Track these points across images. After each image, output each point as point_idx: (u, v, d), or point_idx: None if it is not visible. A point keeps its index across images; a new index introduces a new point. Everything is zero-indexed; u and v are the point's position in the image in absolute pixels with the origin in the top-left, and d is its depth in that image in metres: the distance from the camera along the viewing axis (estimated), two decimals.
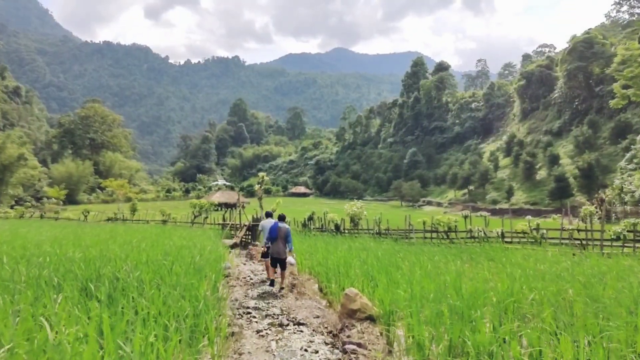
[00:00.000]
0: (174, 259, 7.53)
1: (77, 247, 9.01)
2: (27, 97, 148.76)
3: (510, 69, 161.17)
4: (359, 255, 9.64)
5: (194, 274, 6.64)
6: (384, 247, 11.23)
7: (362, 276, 7.38)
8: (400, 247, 11.73)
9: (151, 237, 12.67)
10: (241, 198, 26.72)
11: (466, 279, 6.45)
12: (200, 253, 9.05)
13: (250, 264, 12.85)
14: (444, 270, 7.55)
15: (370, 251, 10.29)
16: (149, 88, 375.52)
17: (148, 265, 6.66)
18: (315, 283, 8.88)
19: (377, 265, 8.08)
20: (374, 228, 16.08)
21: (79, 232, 15.29)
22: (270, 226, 9.15)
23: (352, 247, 11.61)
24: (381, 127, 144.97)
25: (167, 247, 9.50)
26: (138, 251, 8.36)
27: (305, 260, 10.21)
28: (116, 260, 6.98)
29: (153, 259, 7.34)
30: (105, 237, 11.92)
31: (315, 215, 18.25)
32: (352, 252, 9.91)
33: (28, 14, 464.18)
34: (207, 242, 12.83)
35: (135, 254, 7.71)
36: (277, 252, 8.84)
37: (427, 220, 15.56)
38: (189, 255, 8.76)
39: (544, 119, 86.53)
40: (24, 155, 75.80)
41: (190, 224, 22.71)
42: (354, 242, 12.59)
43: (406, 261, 8.76)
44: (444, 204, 79.87)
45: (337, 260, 8.94)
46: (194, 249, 9.76)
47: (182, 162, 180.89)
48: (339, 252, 10.00)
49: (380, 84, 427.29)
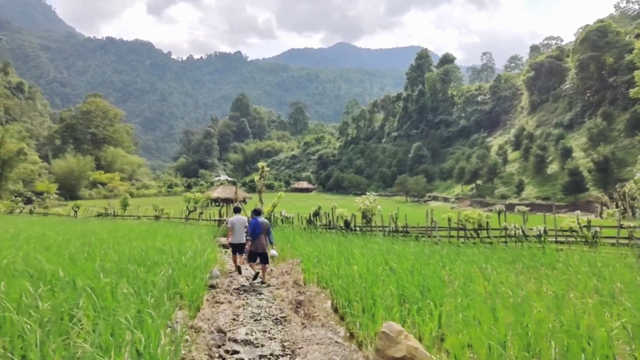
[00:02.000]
0: (126, 273, 5.54)
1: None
2: (30, 92, 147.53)
3: (516, 62, 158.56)
4: (384, 259, 7.66)
5: (153, 299, 4.58)
6: (411, 250, 9.26)
7: (397, 296, 5.39)
8: (429, 248, 9.71)
9: (126, 236, 10.74)
10: (241, 193, 24.89)
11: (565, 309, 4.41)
12: (177, 260, 7.10)
13: (246, 267, 10.92)
14: (511, 287, 5.53)
15: (393, 253, 8.35)
16: (152, 84, 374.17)
17: (74, 290, 4.54)
18: (328, 299, 6.91)
19: (414, 279, 5.99)
20: (390, 225, 14.13)
21: (36, 230, 13.34)
22: (253, 222, 9.10)
23: (367, 247, 9.64)
24: (385, 121, 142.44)
25: (137, 252, 7.53)
26: (83, 259, 6.36)
27: (314, 268, 8.27)
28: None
29: (93, 274, 5.28)
30: (66, 237, 9.94)
31: (322, 211, 16.25)
32: (376, 257, 7.89)
33: (32, 11, 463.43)
34: (196, 242, 10.87)
35: (70, 266, 5.70)
36: (260, 247, 8.91)
37: (452, 216, 13.59)
38: (166, 262, 6.82)
39: (554, 111, 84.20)
40: (24, 150, 74.26)
41: (184, 220, 20.84)
42: (370, 242, 10.63)
43: (446, 268, 6.82)
44: (451, 199, 78.04)
45: (356, 267, 6.95)
46: (174, 254, 7.80)
47: (185, 158, 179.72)
48: (357, 256, 8.02)
49: (382, 78, 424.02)
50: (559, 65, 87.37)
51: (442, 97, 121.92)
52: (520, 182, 69.10)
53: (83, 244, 8.68)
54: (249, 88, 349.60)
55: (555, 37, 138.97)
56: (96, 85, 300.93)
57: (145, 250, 7.72)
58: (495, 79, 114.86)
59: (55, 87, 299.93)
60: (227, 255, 13.27)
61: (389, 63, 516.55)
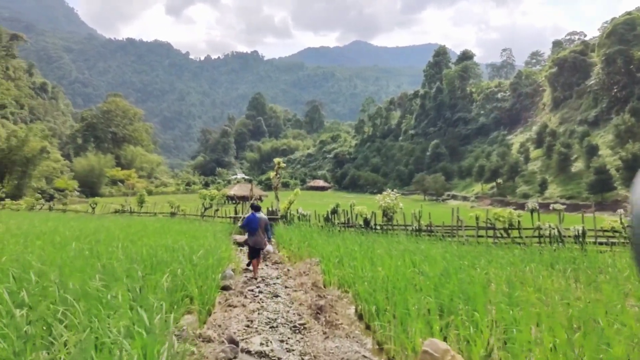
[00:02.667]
0: (129, 274, 4.99)
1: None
2: (53, 92, 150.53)
3: (537, 58, 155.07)
4: (411, 260, 6.99)
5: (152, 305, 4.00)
6: (439, 250, 8.55)
7: (434, 304, 4.69)
8: (458, 249, 8.98)
9: (138, 233, 10.29)
10: (257, 191, 24.42)
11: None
12: (188, 260, 6.56)
13: (262, 267, 10.37)
14: (561, 293, 4.82)
15: (420, 254, 7.67)
16: (171, 83, 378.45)
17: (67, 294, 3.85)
18: (351, 304, 6.30)
19: (450, 284, 5.28)
20: (413, 224, 13.41)
21: (48, 225, 13.00)
22: (250, 218, 9.28)
23: (391, 247, 8.97)
24: (402, 119, 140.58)
25: (146, 250, 7.02)
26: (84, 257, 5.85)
27: (335, 269, 7.66)
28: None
29: (92, 275, 4.72)
30: (80, 232, 9.53)
31: (340, 209, 15.60)
32: (403, 258, 7.19)
33: (55, 14, 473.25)
34: (210, 239, 10.36)
35: (67, 267, 5.16)
36: (258, 242, 9.12)
37: (480, 214, 12.80)
38: (176, 262, 6.30)
39: (578, 107, 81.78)
40: (47, 149, 75.56)
41: (200, 217, 20.48)
42: (393, 242, 9.95)
43: (483, 271, 6.14)
44: (470, 198, 76.58)
45: (382, 270, 6.30)
46: (185, 252, 7.27)
47: (202, 156, 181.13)
48: (383, 257, 7.36)
49: (399, 76, 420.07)
50: (583, 61, 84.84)
51: (461, 94, 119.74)
52: (543, 180, 67.35)
53: (91, 241, 8.25)
54: (265, 87, 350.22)
55: (578, 32, 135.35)
56: (116, 85, 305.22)
57: (154, 249, 7.21)
58: (516, 75, 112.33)
59: (77, 88, 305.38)
60: (243, 253, 12.81)
61: (406, 61, 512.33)
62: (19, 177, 68.89)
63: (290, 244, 11.72)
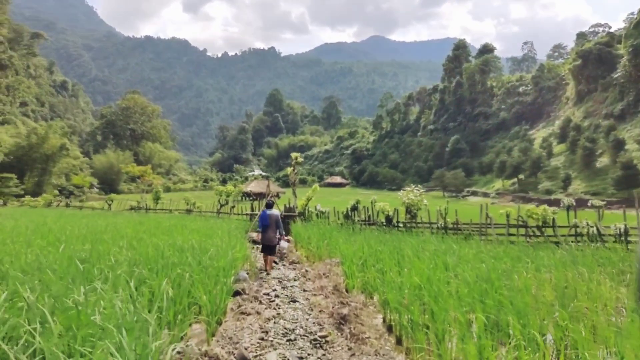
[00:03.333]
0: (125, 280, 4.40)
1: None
2: (74, 90, 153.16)
3: (560, 51, 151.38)
4: (443, 263, 6.27)
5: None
6: (472, 251, 7.77)
7: (481, 321, 3.98)
8: (493, 250, 8.16)
9: (148, 231, 9.80)
10: (275, 187, 23.90)
11: None
12: (198, 261, 5.99)
13: (279, 267, 9.80)
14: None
15: (453, 255, 6.95)
16: (189, 80, 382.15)
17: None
18: (378, 313, 5.65)
19: (497, 293, 4.53)
20: (438, 221, 12.65)
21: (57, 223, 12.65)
22: (262, 215, 9.36)
23: (420, 247, 8.24)
24: (420, 114, 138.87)
25: (152, 251, 6.46)
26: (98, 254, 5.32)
27: (358, 272, 6.95)
28: None
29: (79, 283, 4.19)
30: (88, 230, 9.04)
31: (361, 205, 14.90)
32: (436, 260, 6.43)
33: (75, 12, 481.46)
34: (225, 237, 9.81)
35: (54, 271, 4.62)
36: (269, 239, 9.22)
37: (511, 211, 11.96)
38: (185, 264, 5.74)
39: (604, 101, 79.25)
40: (66, 146, 76.53)
41: (216, 214, 20.04)
42: (421, 241, 9.21)
43: (527, 276, 5.41)
44: (491, 194, 75.15)
45: (412, 274, 5.59)
46: (195, 253, 6.71)
47: (220, 153, 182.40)
48: (412, 259, 6.64)
49: (417, 71, 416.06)
50: (608, 53, 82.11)
51: (481, 89, 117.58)
52: (567, 176, 65.67)
53: (95, 240, 7.78)
54: (282, 83, 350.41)
55: (602, 24, 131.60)
56: (135, 82, 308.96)
57: (162, 249, 6.67)
58: (538, 68, 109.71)
59: (97, 85, 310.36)
60: (258, 250, 12.30)
61: (424, 55, 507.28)
62: (39, 174, 69.88)
63: (309, 242, 11.08)
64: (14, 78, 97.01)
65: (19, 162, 65.49)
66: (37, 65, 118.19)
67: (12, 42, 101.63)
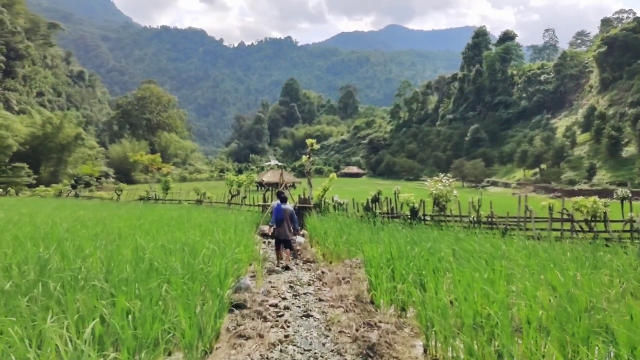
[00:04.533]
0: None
1: None
2: (90, 80, 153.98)
3: (583, 38, 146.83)
4: (501, 270, 4.86)
5: None
6: (525, 250, 6.34)
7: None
8: (549, 250, 6.69)
9: (142, 226, 8.63)
10: (290, 177, 22.70)
11: None
12: (189, 270, 4.74)
13: (292, 268, 8.56)
14: None
15: (507, 258, 5.59)
16: (205, 71, 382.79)
17: None
18: (416, 337, 4.34)
19: (589, 318, 3.24)
20: (470, 214, 11.19)
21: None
22: (276, 208, 9.08)
23: (459, 247, 6.87)
24: (439, 103, 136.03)
25: (131, 254, 5.25)
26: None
27: (387, 281, 5.45)
28: None
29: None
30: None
31: (382, 196, 13.48)
32: (487, 266, 5.01)
33: (92, 3, 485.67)
34: (230, 233, 8.60)
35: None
36: (284, 233, 8.98)
37: (554, 203, 10.45)
38: (170, 269, 4.52)
39: (629, 89, 76.28)
40: (81, 135, 76.55)
41: (227, 205, 18.94)
42: (459, 239, 7.81)
43: (613, 289, 4.07)
44: (512, 185, 73.59)
45: (462, 288, 4.23)
46: (186, 256, 5.47)
47: (236, 143, 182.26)
48: (451, 263, 5.28)
49: (435, 60, 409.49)
50: (635, 39, 78.91)
51: (501, 77, 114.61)
52: (592, 166, 63.85)
53: (68, 239, 6.64)
54: (299, 73, 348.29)
55: (627, 10, 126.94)
56: (152, 73, 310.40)
57: (148, 250, 5.48)
58: (561, 56, 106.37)
59: (114, 76, 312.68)
60: (270, 246, 11.16)
61: (442, 44, 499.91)
62: (55, 164, 70.01)
63: (325, 238, 9.72)
64: (31, 68, 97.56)
65: (34, 152, 65.61)
66: (53, 56, 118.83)
67: (28, 32, 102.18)
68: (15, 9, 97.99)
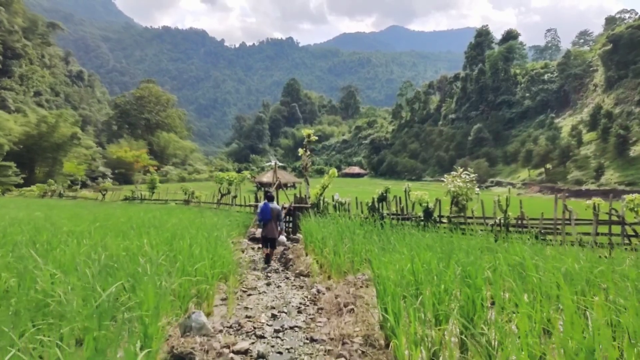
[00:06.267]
0: None
1: None
2: (90, 80, 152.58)
3: (585, 37, 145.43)
4: (573, 296, 3.06)
5: None
6: (582, 264, 4.45)
7: None
8: (617, 261, 4.78)
9: (98, 229, 6.91)
10: (289, 176, 21.00)
11: None
12: (98, 306, 3.00)
13: (280, 284, 6.80)
14: None
15: (569, 276, 3.82)
16: (206, 71, 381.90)
17: None
18: None
19: None
20: (496, 215, 9.34)
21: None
22: (263, 208, 9.16)
23: (498, 262, 5.06)
24: (441, 103, 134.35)
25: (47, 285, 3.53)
26: None
27: (413, 316, 3.32)
28: None
29: None
30: None
31: (390, 195, 11.60)
32: (557, 290, 3.18)
33: (93, 3, 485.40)
34: (202, 240, 6.77)
35: None
36: (270, 232, 9.02)
37: (599, 202, 8.67)
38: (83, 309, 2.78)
39: (636, 87, 75.04)
40: (77, 135, 74.97)
41: (215, 205, 17.19)
42: (500, 249, 5.96)
43: None
44: (517, 185, 72.40)
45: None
46: (122, 274, 3.73)
47: (237, 143, 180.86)
48: (495, 282, 3.47)
49: (437, 61, 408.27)
50: None
51: (504, 76, 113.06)
52: (599, 165, 62.59)
53: None
54: (300, 74, 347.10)
55: (629, 11, 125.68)
56: (153, 73, 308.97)
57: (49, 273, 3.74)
58: (564, 55, 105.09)
59: (115, 76, 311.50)
60: (256, 251, 9.65)
61: (444, 45, 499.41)
62: (50, 164, 68.40)
63: (323, 245, 7.88)
64: (28, 67, 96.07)
65: (28, 151, 64.00)
66: (52, 55, 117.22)
67: (26, 31, 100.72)
68: (13, 7, 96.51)
